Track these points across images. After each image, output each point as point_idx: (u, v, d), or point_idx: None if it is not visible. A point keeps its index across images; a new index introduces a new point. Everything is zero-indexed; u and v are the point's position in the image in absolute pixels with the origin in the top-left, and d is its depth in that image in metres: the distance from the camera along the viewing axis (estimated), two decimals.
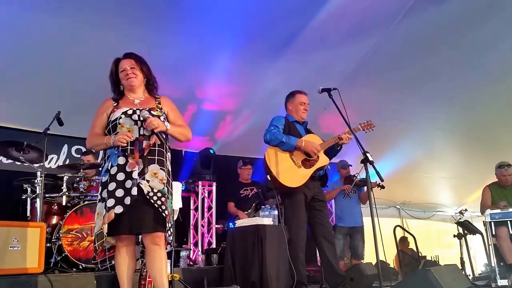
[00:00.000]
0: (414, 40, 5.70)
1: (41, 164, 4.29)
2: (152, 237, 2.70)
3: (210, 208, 6.79)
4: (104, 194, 2.66)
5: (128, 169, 2.67)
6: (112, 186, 2.64)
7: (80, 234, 4.20)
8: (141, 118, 2.72)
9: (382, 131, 4.90)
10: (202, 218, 6.65)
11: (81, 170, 4.54)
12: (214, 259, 5.19)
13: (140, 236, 2.98)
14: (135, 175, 2.66)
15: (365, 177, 5.65)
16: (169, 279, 3.70)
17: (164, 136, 2.79)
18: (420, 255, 6.72)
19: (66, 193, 4.45)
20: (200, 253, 6.04)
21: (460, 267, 5.32)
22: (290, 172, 3.96)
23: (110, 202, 2.61)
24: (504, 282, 4.34)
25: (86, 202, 4.37)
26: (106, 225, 2.59)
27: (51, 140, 4.39)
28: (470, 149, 8.34)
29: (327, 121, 6.91)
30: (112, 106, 2.83)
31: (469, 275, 5.38)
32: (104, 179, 2.70)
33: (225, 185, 7.12)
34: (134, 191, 2.62)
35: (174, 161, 3.10)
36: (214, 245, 6.48)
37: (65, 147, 6.16)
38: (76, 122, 5.45)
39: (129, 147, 2.69)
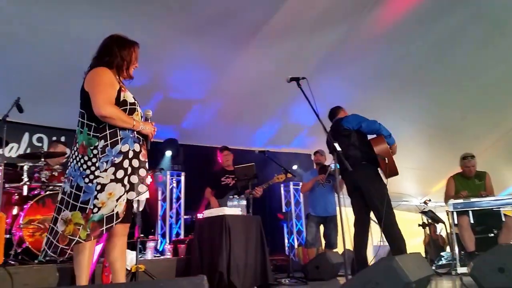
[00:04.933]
0: (383, 30, 5.76)
1: (0, 152, 4.12)
2: (126, 227, 2.71)
3: (179, 198, 6.71)
4: (120, 175, 2.55)
5: (142, 158, 2.68)
6: (129, 170, 2.60)
7: (42, 225, 4.08)
8: (143, 115, 2.80)
9: None
10: (171, 209, 6.57)
11: (42, 159, 4.39)
12: (181, 249, 5.15)
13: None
14: (147, 166, 2.72)
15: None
16: (133, 270, 3.65)
17: None
18: (384, 243, 6.85)
19: (27, 183, 4.29)
20: (167, 244, 5.97)
21: (424, 256, 5.47)
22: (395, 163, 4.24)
23: (143, 187, 2.61)
24: (463, 269, 4.47)
25: (48, 192, 4.24)
26: (123, 208, 2.54)
27: (11, 128, 4.21)
28: (435, 140, 8.53)
29: (295, 111, 6.93)
30: (118, 83, 2.67)
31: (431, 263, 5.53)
32: (117, 160, 2.56)
33: (193, 175, 7.06)
34: (148, 181, 2.69)
35: None
36: (182, 236, 6.42)
37: (26, 136, 5.93)
38: (38, 109, 5.27)
39: (141, 138, 2.72)
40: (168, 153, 6.65)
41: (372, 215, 4.34)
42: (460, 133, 8.30)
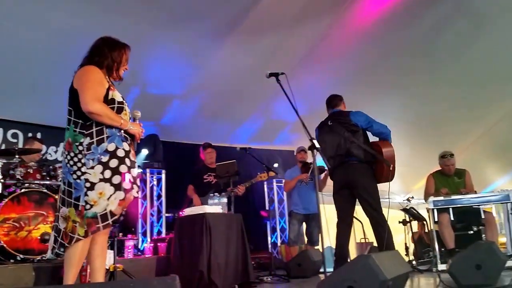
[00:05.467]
0: (364, 26, 5.77)
1: None
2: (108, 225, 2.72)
3: (159, 196, 6.63)
4: (107, 175, 2.57)
5: (132, 158, 2.73)
6: (124, 168, 2.63)
7: (17, 224, 3.99)
8: (131, 115, 2.83)
9: None
10: (152, 207, 6.49)
11: (17, 156, 4.28)
12: (161, 248, 5.09)
13: None
14: (136, 165, 2.78)
15: (321, 164, 5.76)
16: (112, 270, 3.60)
17: None
18: (367, 241, 6.89)
19: (1, 180, 4.18)
20: (148, 242, 5.90)
21: (405, 252, 5.51)
22: None
23: (127, 184, 2.62)
24: (443, 266, 4.50)
25: (24, 190, 4.12)
26: (117, 207, 2.58)
27: None
28: (418, 138, 8.59)
29: (278, 107, 6.90)
30: (107, 81, 2.71)
31: (412, 260, 5.55)
32: (104, 158, 2.58)
33: (174, 172, 6.97)
34: (138, 181, 2.74)
35: None
36: (164, 234, 6.35)
37: (0, 132, 5.74)
38: (12, 104, 5.13)
39: (129, 137, 2.76)
40: (144, 151, 6.53)
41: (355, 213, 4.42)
42: (442, 131, 8.37)
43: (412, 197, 7.69)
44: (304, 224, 6.18)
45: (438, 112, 7.89)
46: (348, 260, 4.28)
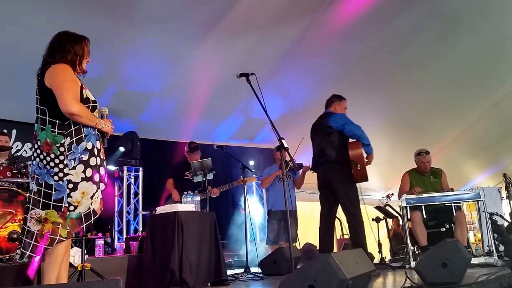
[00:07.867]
0: (343, 26, 5.79)
1: None
2: None
3: (136, 194, 6.58)
4: (89, 173, 2.60)
5: (102, 156, 2.76)
6: (102, 170, 2.74)
7: None
8: (99, 112, 2.80)
9: (314, 117, 4.96)
10: (128, 204, 6.43)
11: None
12: (134, 247, 5.05)
13: None
14: (105, 163, 2.83)
15: (300, 162, 5.77)
16: (80, 269, 3.56)
17: None
18: (345, 237, 6.94)
19: None
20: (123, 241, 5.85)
21: (378, 250, 5.55)
22: (366, 169, 4.46)
23: (103, 185, 2.72)
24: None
25: None
26: (100, 205, 2.67)
27: None
28: (398, 136, 8.67)
29: (258, 106, 6.89)
30: (78, 79, 2.69)
31: (385, 257, 5.59)
32: (84, 157, 2.59)
33: (152, 170, 6.93)
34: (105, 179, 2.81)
35: None
36: (140, 233, 6.31)
37: None
38: None
39: (99, 135, 2.77)
40: (121, 148, 6.47)
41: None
42: (422, 129, 8.45)
43: (392, 194, 7.76)
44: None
45: (416, 111, 7.97)
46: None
